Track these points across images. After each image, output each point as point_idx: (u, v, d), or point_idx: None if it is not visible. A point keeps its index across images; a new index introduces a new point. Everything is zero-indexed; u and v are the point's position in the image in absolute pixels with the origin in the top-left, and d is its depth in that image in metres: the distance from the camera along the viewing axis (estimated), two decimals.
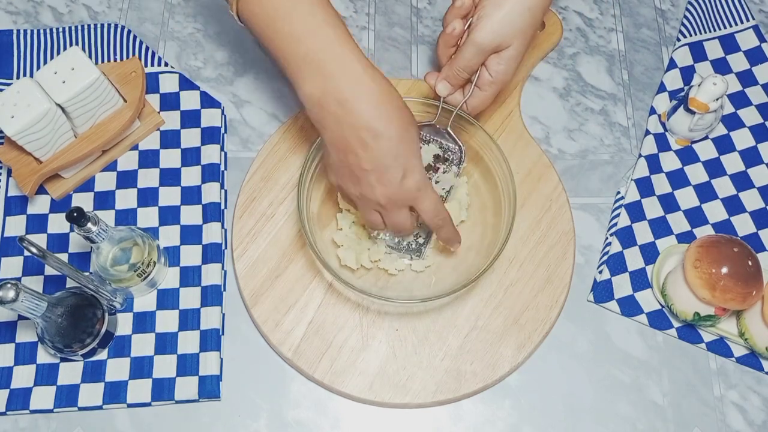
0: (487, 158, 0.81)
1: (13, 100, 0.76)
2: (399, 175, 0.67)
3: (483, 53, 0.74)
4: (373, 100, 0.66)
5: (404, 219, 0.71)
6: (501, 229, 0.77)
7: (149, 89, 0.89)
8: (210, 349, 0.78)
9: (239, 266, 0.82)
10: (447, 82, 0.77)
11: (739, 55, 0.93)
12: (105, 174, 0.86)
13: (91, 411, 0.77)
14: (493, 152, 0.79)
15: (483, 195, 0.83)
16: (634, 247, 0.83)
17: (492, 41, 0.73)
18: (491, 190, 0.82)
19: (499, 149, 0.78)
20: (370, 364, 0.78)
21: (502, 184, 0.79)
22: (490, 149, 0.80)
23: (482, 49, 0.74)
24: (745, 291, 0.74)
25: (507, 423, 0.77)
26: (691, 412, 0.78)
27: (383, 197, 0.68)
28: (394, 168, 0.67)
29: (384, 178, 0.67)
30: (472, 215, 0.83)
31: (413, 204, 0.70)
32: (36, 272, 0.82)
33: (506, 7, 0.72)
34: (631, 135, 0.90)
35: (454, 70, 0.76)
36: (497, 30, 0.72)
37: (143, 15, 0.96)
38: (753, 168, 0.87)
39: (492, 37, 0.73)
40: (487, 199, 0.83)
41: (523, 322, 0.79)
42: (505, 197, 0.79)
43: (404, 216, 0.71)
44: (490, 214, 0.82)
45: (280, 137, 0.88)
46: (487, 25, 0.72)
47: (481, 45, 0.73)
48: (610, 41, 0.95)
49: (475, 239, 0.82)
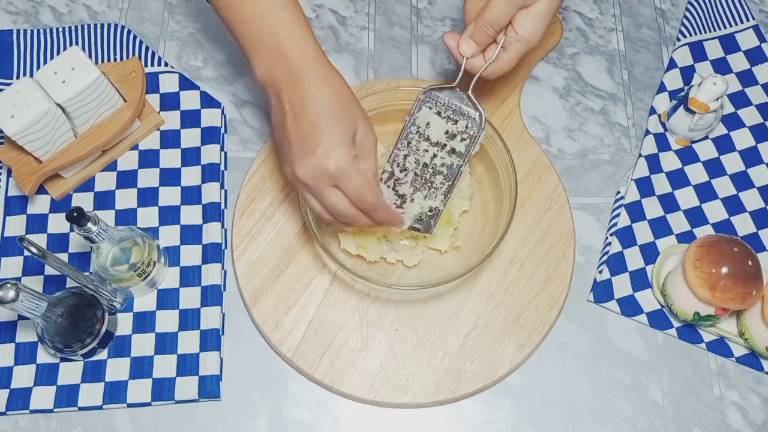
0: (491, 151, 0.81)
1: (13, 100, 0.76)
2: (317, 148, 0.66)
3: (514, 5, 0.70)
4: (314, 85, 0.67)
5: (336, 199, 0.68)
6: (502, 218, 0.77)
7: (149, 89, 0.89)
8: (210, 349, 0.78)
9: (239, 266, 0.82)
10: (472, 40, 0.73)
11: (739, 54, 0.93)
12: (105, 174, 0.86)
13: (91, 411, 0.77)
14: (497, 145, 0.79)
15: (485, 187, 0.83)
16: (634, 246, 0.83)
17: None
18: (493, 183, 0.82)
19: (503, 141, 0.78)
20: (370, 364, 0.78)
21: (504, 175, 0.79)
22: (494, 142, 0.80)
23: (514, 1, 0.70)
24: (745, 291, 0.74)
25: (507, 423, 0.77)
26: (691, 412, 0.78)
27: (305, 174, 0.67)
28: (313, 138, 0.66)
29: (304, 151, 0.66)
30: (474, 206, 0.83)
31: (337, 184, 0.67)
32: (36, 272, 0.82)
33: None
34: (631, 135, 0.90)
35: (481, 26, 0.71)
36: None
37: (143, 15, 0.96)
38: (753, 168, 0.87)
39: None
40: (489, 191, 0.83)
41: (523, 322, 0.79)
42: (506, 188, 0.78)
43: (336, 196, 0.68)
44: (492, 206, 0.82)
45: None
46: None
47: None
48: (610, 41, 0.95)
49: (476, 230, 0.82)
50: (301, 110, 0.66)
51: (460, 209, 0.82)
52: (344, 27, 0.96)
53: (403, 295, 0.81)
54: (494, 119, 0.88)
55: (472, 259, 0.77)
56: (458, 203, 0.82)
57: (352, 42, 0.95)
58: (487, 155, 0.82)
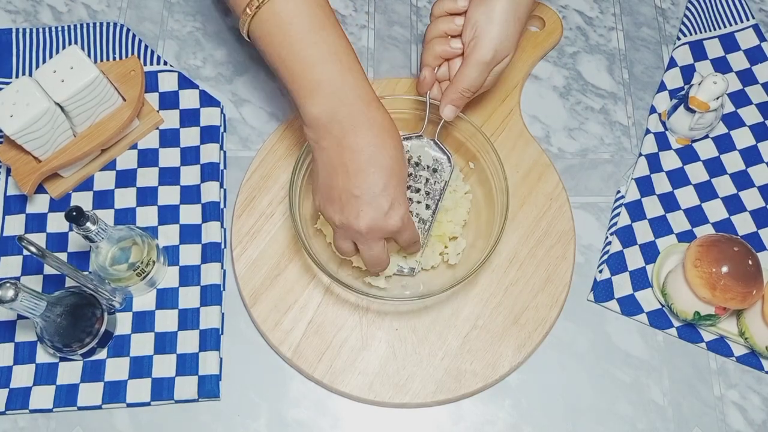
0: (483, 163, 0.81)
1: (12, 99, 0.76)
2: (386, 206, 0.68)
3: (488, 70, 0.76)
4: (374, 130, 0.68)
5: (380, 251, 0.72)
6: (493, 232, 0.77)
7: (148, 88, 0.89)
8: (209, 349, 0.78)
9: (239, 265, 0.82)
10: (453, 106, 0.77)
11: (740, 54, 0.93)
12: (104, 173, 0.86)
13: (90, 410, 0.77)
14: (489, 155, 0.79)
15: (478, 199, 0.83)
16: (635, 246, 0.83)
17: (495, 57, 0.75)
18: (486, 195, 0.82)
19: (494, 149, 0.78)
20: (369, 363, 0.78)
21: (497, 188, 0.79)
22: (487, 152, 0.80)
23: (488, 66, 0.76)
24: (745, 290, 0.74)
25: (507, 423, 0.77)
26: (691, 412, 0.78)
27: (365, 226, 0.69)
28: (382, 198, 0.68)
29: (371, 206, 0.68)
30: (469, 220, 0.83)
31: (394, 236, 0.72)
32: (35, 271, 0.82)
33: (497, 20, 0.74)
34: (631, 134, 0.90)
35: (460, 92, 0.76)
36: (497, 45, 0.75)
37: (142, 14, 0.96)
38: (753, 167, 0.87)
39: (494, 52, 0.75)
40: (482, 202, 0.83)
41: (523, 322, 0.79)
42: (499, 204, 0.78)
43: (380, 247, 0.71)
44: (484, 218, 0.82)
45: (280, 136, 0.87)
46: (487, 43, 0.74)
47: (485, 62, 0.75)
48: (610, 40, 0.95)
49: (469, 241, 0.82)
50: (368, 164, 0.67)
51: (451, 235, 0.81)
52: (344, 26, 0.95)
53: (394, 306, 0.80)
54: (494, 118, 0.88)
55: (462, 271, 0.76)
56: (450, 229, 0.81)
57: (352, 41, 0.94)
58: (479, 166, 0.82)
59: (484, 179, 0.82)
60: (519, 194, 0.84)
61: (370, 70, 0.93)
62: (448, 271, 0.81)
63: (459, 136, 0.82)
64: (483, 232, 0.81)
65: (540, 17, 0.93)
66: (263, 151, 0.87)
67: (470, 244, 0.81)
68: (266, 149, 0.87)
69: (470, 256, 0.80)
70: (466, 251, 0.81)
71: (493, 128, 0.87)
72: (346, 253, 0.73)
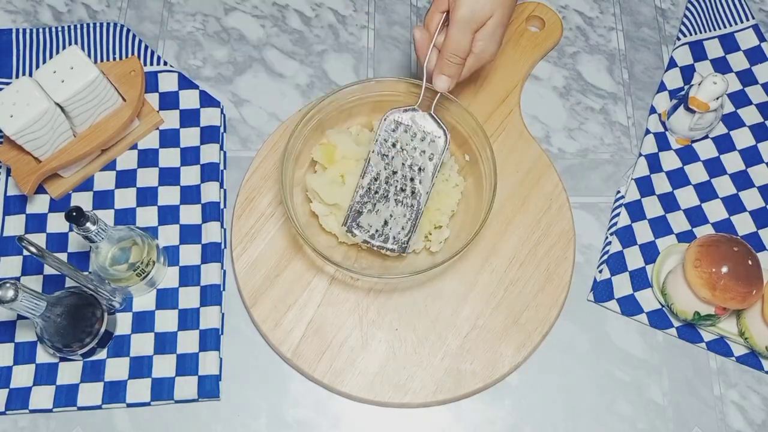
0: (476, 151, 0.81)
1: (13, 100, 0.76)
2: None
3: (470, 30, 0.74)
4: None
5: None
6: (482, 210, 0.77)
7: (148, 88, 0.89)
8: (209, 349, 0.78)
9: (238, 266, 0.82)
10: (444, 75, 0.76)
11: (739, 54, 0.93)
12: (104, 173, 0.86)
13: (90, 410, 0.77)
14: (479, 137, 0.79)
15: (469, 192, 0.83)
16: (634, 246, 0.83)
17: (473, 15, 0.73)
18: (476, 189, 0.82)
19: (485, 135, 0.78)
20: (369, 363, 0.78)
21: (486, 183, 0.79)
22: (477, 135, 0.79)
23: (467, 25, 0.73)
24: (745, 290, 0.74)
25: (507, 423, 0.77)
26: (691, 412, 0.78)
27: None
28: None
29: None
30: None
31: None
32: (35, 272, 0.82)
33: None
34: (631, 134, 0.90)
35: (447, 58, 0.75)
36: (473, 3, 0.73)
37: (142, 14, 0.96)
38: (753, 167, 0.87)
39: (471, 11, 0.73)
40: (472, 195, 0.83)
41: (523, 322, 0.79)
42: (487, 179, 0.78)
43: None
44: (472, 211, 0.82)
45: (280, 136, 0.87)
46: (465, 1, 0.73)
47: (465, 20, 0.73)
48: (610, 40, 0.95)
49: (454, 232, 0.82)
50: None
51: (439, 223, 0.81)
52: (344, 26, 0.95)
53: (391, 285, 0.80)
54: (494, 118, 0.88)
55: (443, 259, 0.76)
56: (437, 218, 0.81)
57: (352, 41, 0.95)
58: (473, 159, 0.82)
59: (477, 173, 0.81)
60: (519, 194, 0.84)
61: (370, 70, 0.93)
62: (429, 258, 0.81)
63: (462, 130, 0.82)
64: (469, 225, 0.80)
65: (540, 17, 0.93)
66: (263, 152, 0.87)
67: (455, 235, 0.81)
68: (266, 149, 0.87)
69: (453, 247, 0.79)
70: (450, 242, 0.81)
71: (493, 128, 0.87)
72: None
